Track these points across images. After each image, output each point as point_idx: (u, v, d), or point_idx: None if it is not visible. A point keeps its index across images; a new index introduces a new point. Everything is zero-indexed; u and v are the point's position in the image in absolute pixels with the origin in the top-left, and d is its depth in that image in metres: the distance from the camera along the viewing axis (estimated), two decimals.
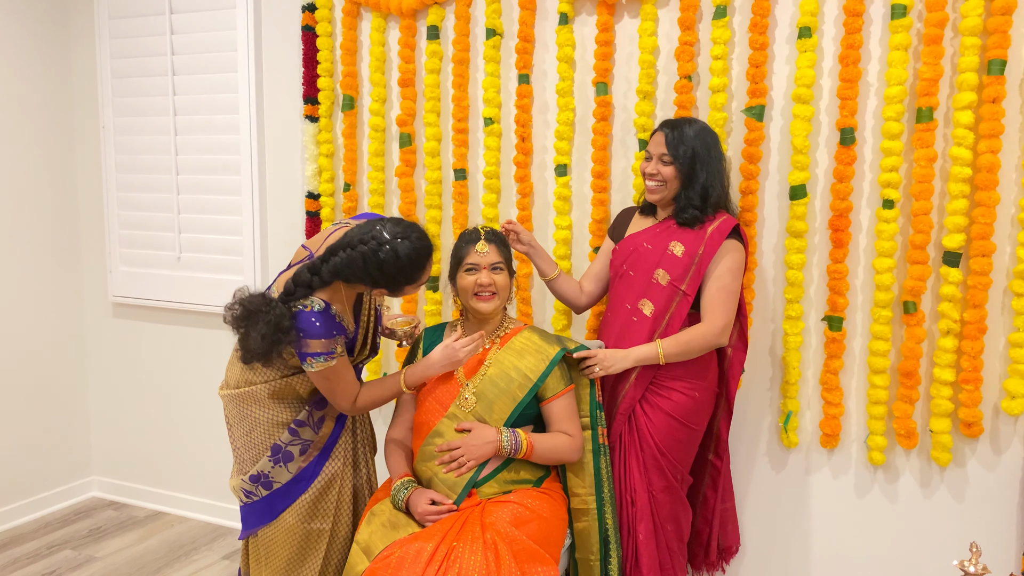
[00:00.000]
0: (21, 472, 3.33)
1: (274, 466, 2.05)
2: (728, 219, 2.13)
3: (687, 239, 2.12)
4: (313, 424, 2.08)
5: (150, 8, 3.20)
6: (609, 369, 2.09)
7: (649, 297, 2.14)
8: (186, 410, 3.37)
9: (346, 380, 1.99)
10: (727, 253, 2.10)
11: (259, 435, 2.06)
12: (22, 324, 3.31)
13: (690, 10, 2.35)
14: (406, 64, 2.77)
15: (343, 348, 1.96)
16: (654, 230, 2.20)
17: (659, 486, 2.13)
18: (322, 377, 1.95)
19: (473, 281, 2.08)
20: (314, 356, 1.91)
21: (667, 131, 2.13)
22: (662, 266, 2.13)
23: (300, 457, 2.07)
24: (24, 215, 3.30)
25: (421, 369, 2.05)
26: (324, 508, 2.10)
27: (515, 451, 1.99)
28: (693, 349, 2.09)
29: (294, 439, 2.06)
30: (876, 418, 2.27)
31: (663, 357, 2.08)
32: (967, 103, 2.08)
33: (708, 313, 2.10)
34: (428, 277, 2.01)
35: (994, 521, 2.22)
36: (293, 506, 2.07)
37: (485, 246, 2.10)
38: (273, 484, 2.07)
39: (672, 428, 2.12)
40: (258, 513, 2.09)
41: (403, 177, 2.81)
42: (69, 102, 3.44)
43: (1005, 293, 2.16)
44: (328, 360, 1.92)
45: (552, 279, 2.36)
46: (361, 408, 2.05)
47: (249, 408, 2.06)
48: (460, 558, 1.79)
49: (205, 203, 3.19)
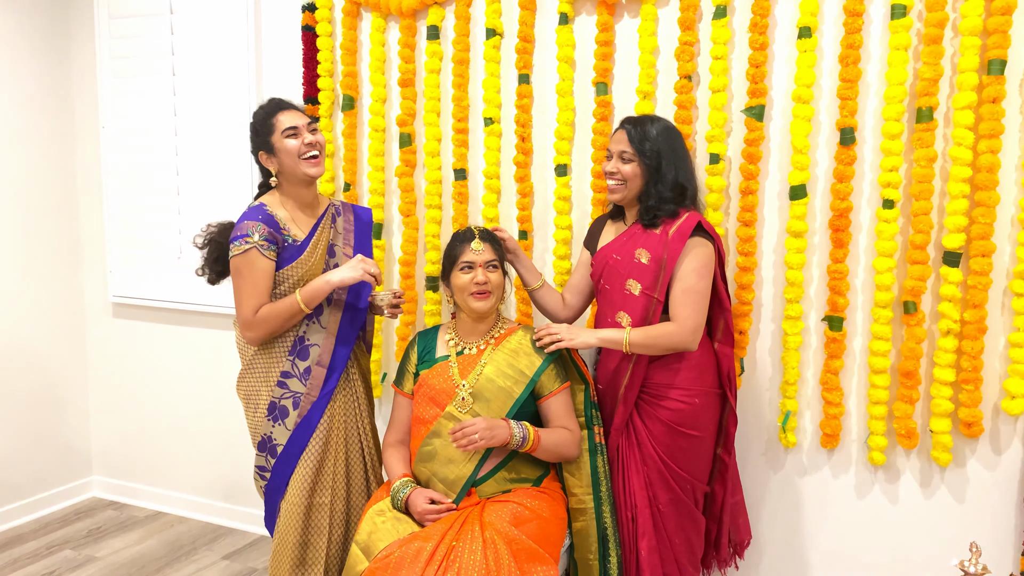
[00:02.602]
0: (21, 472, 3.33)
1: (274, 425, 2.18)
2: (690, 216, 2.07)
3: (651, 245, 2.08)
4: (300, 375, 2.18)
5: (150, 8, 3.20)
6: (573, 341, 2.06)
7: (625, 309, 2.11)
8: (186, 410, 3.37)
9: (254, 283, 2.08)
10: (690, 252, 2.04)
11: (258, 402, 2.20)
12: (22, 324, 3.31)
13: (690, 10, 2.35)
14: (406, 64, 2.77)
15: (264, 241, 2.08)
16: (621, 239, 2.17)
17: (664, 499, 2.09)
18: (235, 271, 2.10)
19: (469, 279, 2.08)
20: (234, 239, 2.08)
21: (629, 128, 2.11)
22: (632, 276, 2.10)
23: (295, 412, 2.17)
24: (24, 215, 3.30)
25: (319, 283, 2.09)
26: (323, 481, 2.18)
27: (523, 441, 1.99)
28: (660, 345, 2.03)
29: (285, 392, 2.18)
30: (876, 418, 2.27)
31: (628, 345, 2.03)
32: (967, 103, 2.08)
33: (677, 315, 2.04)
34: (283, 125, 2.14)
35: (994, 521, 2.22)
36: (297, 472, 2.15)
37: (480, 244, 2.11)
38: (277, 448, 2.17)
39: (673, 438, 2.09)
40: (273, 489, 2.18)
41: (403, 177, 2.81)
42: (69, 102, 3.44)
43: (1005, 293, 2.16)
44: (242, 243, 2.07)
45: (535, 289, 2.33)
46: (261, 320, 2.09)
47: (248, 381, 2.22)
48: (460, 557, 1.79)
49: (205, 203, 3.19)
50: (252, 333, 2.11)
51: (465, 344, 2.16)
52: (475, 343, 2.15)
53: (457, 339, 2.18)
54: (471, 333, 2.16)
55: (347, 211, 2.34)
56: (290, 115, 2.15)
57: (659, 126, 2.10)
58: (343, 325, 2.23)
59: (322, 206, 2.27)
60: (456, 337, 2.18)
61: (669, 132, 2.11)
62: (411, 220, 2.82)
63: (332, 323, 2.21)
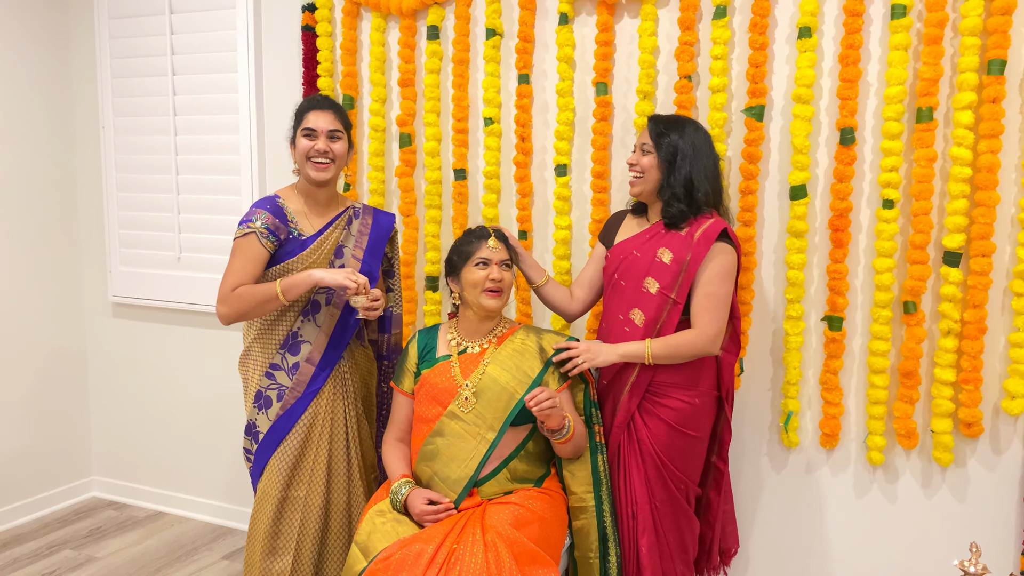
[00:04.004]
0: (21, 472, 3.33)
1: (258, 412, 2.21)
2: (717, 222, 2.07)
3: (675, 245, 2.08)
4: (287, 369, 2.20)
5: (150, 8, 3.20)
6: (594, 361, 2.05)
7: (640, 306, 2.10)
8: (186, 410, 3.37)
9: (243, 264, 2.11)
10: (715, 258, 2.04)
11: (249, 387, 2.23)
12: (22, 324, 3.31)
13: (690, 10, 2.35)
14: (406, 64, 2.77)
15: (264, 229, 2.11)
16: (643, 236, 2.16)
17: (661, 496, 2.09)
18: (232, 251, 2.14)
19: (485, 276, 2.08)
20: (241, 222, 2.13)
21: (651, 123, 2.13)
22: (651, 274, 2.09)
23: (277, 404, 2.19)
24: (24, 215, 3.30)
25: (303, 275, 2.09)
26: (299, 476, 2.21)
27: (566, 430, 2.00)
28: (682, 354, 2.04)
29: (271, 383, 2.20)
30: (876, 418, 2.27)
31: (650, 357, 2.03)
32: (967, 103, 2.08)
33: (698, 320, 2.05)
34: (306, 123, 2.18)
35: (994, 521, 2.22)
36: (273, 463, 2.18)
37: (496, 243, 2.12)
38: (259, 435, 2.21)
39: (672, 437, 2.09)
40: (255, 473, 2.24)
41: (403, 177, 2.81)
42: (69, 102, 3.44)
43: (1005, 293, 2.16)
44: (245, 227, 2.11)
45: (540, 286, 2.33)
46: (236, 297, 2.08)
47: (245, 364, 2.25)
48: (460, 560, 1.79)
49: (205, 203, 3.19)
50: (224, 308, 2.10)
51: (468, 343, 2.15)
52: (478, 342, 2.14)
53: (459, 338, 2.17)
54: (475, 333, 2.15)
55: (367, 215, 2.33)
56: (318, 116, 2.18)
57: (683, 124, 2.10)
58: (338, 326, 2.23)
59: (340, 207, 2.28)
60: (458, 336, 2.17)
61: (693, 131, 2.10)
62: (411, 220, 2.82)
63: (328, 323, 2.22)
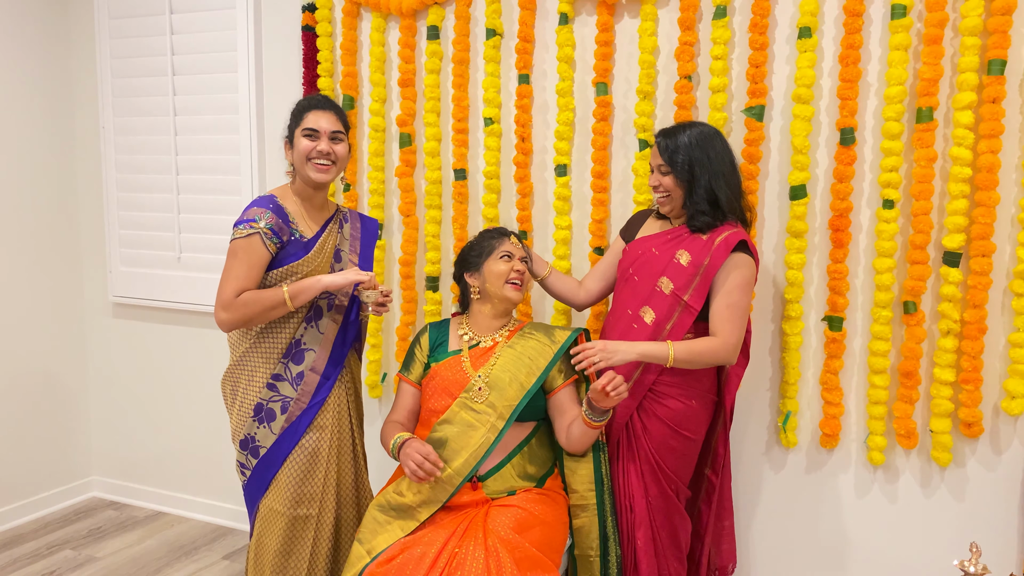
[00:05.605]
0: (21, 472, 3.34)
1: (259, 426, 2.12)
2: (737, 231, 2.04)
3: (694, 249, 2.06)
4: (291, 379, 2.13)
5: (150, 8, 3.20)
6: (610, 360, 1.99)
7: (651, 305, 2.10)
8: (186, 410, 3.37)
9: (247, 267, 2.03)
10: (736, 268, 2.02)
11: (244, 400, 2.14)
12: (22, 324, 3.31)
13: (690, 10, 2.35)
14: (406, 64, 2.77)
15: (268, 230, 2.04)
16: (664, 236, 2.15)
17: (654, 492, 2.10)
18: (231, 252, 2.05)
19: (509, 267, 2.17)
20: (239, 223, 2.05)
21: (660, 140, 2.09)
22: (666, 274, 2.08)
23: (282, 416, 2.12)
24: (24, 215, 3.30)
25: (311, 280, 2.06)
26: (310, 492, 2.12)
27: (608, 415, 2.02)
28: (702, 361, 2.02)
29: (274, 395, 2.12)
30: (876, 418, 2.27)
31: (673, 360, 1.99)
32: (967, 103, 2.08)
33: (719, 330, 2.02)
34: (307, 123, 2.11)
35: (994, 521, 2.22)
36: (279, 479, 2.11)
37: (516, 241, 2.24)
38: (260, 449, 2.13)
39: (666, 436, 2.09)
40: (253, 488, 2.16)
41: (403, 177, 2.81)
42: (69, 102, 3.44)
43: (1005, 293, 2.16)
44: (247, 227, 2.03)
45: (544, 278, 2.37)
46: (241, 304, 2.00)
47: (236, 376, 2.17)
48: (462, 565, 1.79)
49: (205, 203, 3.19)
50: (227, 315, 2.01)
51: (480, 338, 2.20)
52: (490, 336, 2.20)
53: (472, 333, 2.22)
54: (487, 328, 2.21)
55: (354, 219, 2.32)
56: (319, 116, 2.12)
57: (692, 133, 2.06)
58: (339, 333, 2.20)
59: (330, 210, 2.26)
60: (470, 331, 2.22)
61: (704, 139, 2.05)
62: (411, 220, 2.82)
63: (331, 329, 2.18)
